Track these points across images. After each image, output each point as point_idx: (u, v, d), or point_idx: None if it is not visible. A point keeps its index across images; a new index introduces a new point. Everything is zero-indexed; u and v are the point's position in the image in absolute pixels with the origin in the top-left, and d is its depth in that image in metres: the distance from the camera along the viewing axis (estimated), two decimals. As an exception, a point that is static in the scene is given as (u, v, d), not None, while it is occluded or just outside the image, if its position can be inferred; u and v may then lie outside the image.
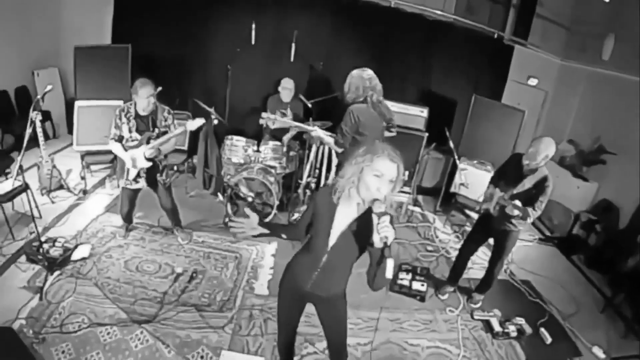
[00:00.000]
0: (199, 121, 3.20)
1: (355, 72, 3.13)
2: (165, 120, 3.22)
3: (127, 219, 3.64)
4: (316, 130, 3.42)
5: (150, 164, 3.24)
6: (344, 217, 1.79)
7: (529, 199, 2.87)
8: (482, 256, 3.88)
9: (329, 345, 2.20)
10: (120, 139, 3.18)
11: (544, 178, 2.87)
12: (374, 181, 1.64)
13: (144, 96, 3.03)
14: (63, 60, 5.08)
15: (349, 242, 1.79)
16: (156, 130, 3.19)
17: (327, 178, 4.34)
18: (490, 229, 3.21)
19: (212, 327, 2.80)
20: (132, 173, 3.26)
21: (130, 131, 3.15)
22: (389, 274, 1.56)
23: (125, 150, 3.17)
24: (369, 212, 1.66)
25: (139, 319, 2.76)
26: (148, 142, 3.16)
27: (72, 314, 2.71)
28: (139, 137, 3.17)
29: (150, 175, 3.32)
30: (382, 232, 1.54)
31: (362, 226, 1.74)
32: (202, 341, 2.68)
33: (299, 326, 2.25)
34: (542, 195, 2.85)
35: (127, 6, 4.82)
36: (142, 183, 3.33)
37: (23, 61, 4.83)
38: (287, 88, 4.51)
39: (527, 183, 2.93)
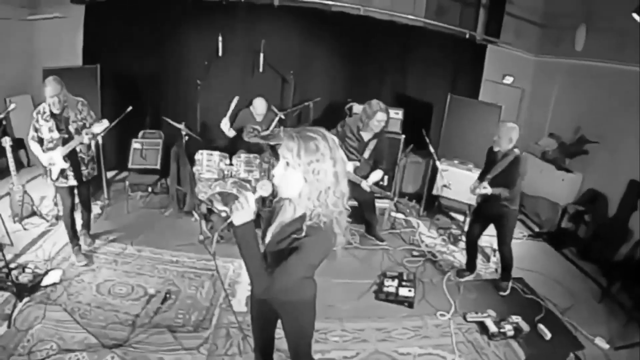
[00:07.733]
0: (105, 123, 3.23)
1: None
2: (81, 113, 3.23)
3: (71, 228, 3.45)
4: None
5: (68, 164, 3.24)
6: (280, 217, 1.66)
7: (504, 180, 3.18)
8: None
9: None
10: (40, 141, 3.21)
11: (515, 158, 3.17)
12: (279, 166, 1.52)
13: (48, 95, 3.05)
14: (36, 86, 5.02)
15: (277, 247, 1.59)
16: (73, 125, 3.20)
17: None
18: (485, 215, 3.52)
19: (186, 349, 2.64)
20: (54, 172, 3.25)
21: (51, 130, 3.16)
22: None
23: (44, 152, 3.20)
24: (301, 218, 1.53)
25: (110, 343, 2.61)
26: (64, 144, 3.18)
27: (40, 341, 2.58)
28: (57, 135, 3.18)
29: (77, 171, 3.33)
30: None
31: (290, 232, 1.55)
32: (175, 364, 2.52)
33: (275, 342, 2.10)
34: (513, 175, 3.16)
35: (97, 27, 4.77)
36: (71, 180, 3.31)
37: (-5, 89, 4.75)
38: (258, 114, 4.38)
39: (499, 167, 3.25)
